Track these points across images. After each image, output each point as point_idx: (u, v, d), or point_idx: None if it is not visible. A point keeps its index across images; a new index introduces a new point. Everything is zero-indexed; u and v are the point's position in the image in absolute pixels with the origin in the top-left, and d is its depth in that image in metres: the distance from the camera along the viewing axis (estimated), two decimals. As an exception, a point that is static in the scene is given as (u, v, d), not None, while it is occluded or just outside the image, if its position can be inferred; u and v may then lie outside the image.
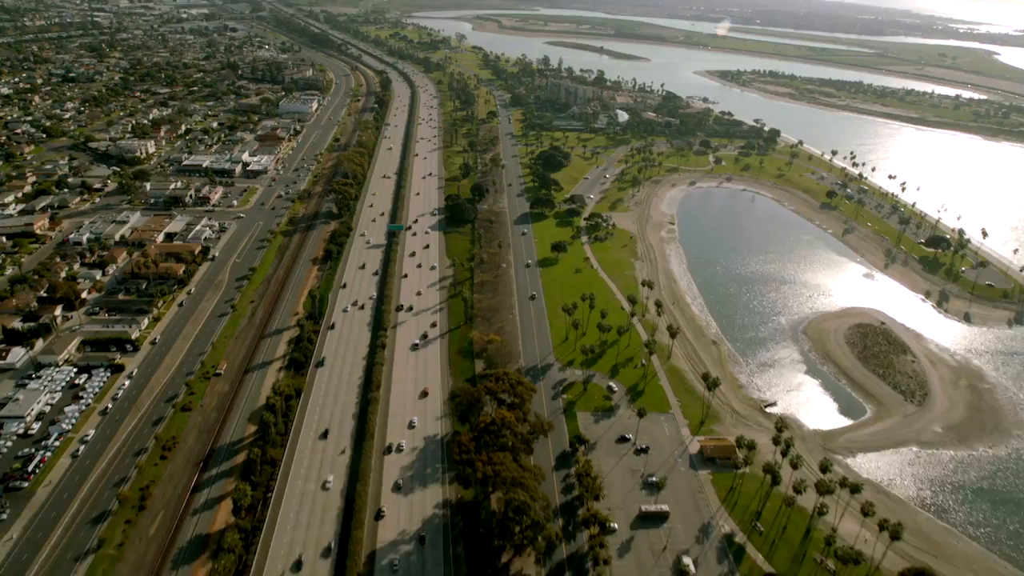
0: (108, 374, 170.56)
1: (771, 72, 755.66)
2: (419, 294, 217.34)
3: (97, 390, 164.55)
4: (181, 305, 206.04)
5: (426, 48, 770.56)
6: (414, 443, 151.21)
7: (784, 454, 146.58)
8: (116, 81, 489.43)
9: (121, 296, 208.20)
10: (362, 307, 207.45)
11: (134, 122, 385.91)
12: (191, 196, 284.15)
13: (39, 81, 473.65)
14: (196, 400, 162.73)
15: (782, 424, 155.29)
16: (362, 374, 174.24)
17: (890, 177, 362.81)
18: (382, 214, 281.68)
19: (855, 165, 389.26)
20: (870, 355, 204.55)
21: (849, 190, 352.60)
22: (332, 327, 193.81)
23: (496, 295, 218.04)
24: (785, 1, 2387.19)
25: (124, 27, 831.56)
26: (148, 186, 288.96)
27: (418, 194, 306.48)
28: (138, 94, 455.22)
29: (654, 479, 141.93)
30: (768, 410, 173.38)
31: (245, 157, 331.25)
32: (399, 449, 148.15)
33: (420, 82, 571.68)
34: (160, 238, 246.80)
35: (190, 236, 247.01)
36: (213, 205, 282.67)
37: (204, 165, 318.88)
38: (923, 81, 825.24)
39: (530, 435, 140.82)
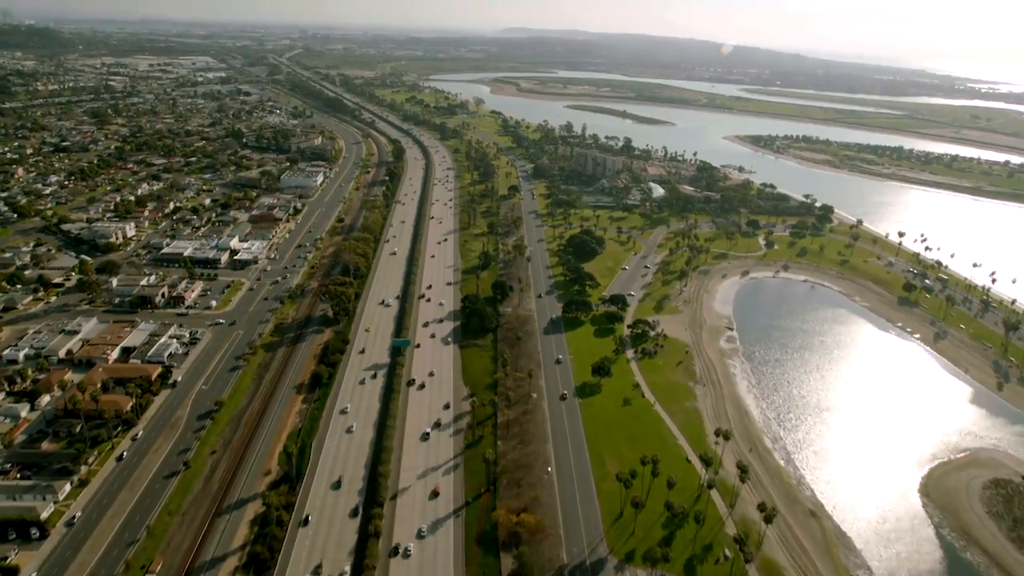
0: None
1: (804, 137, 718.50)
2: (426, 435, 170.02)
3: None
4: (120, 459, 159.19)
5: (442, 113, 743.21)
6: None
7: None
8: (111, 151, 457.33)
9: (45, 445, 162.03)
10: (351, 453, 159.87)
11: (119, 198, 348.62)
12: (163, 295, 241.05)
13: (29, 151, 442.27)
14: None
15: None
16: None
17: (974, 265, 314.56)
18: (387, 305, 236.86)
19: (928, 249, 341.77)
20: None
21: (928, 281, 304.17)
22: (305, 522, 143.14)
23: (526, 443, 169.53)
24: (800, 62, 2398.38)
25: (137, 91, 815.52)
26: (115, 282, 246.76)
27: (430, 287, 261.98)
28: (131, 166, 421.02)
29: None
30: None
31: (234, 243, 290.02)
32: None
33: (436, 151, 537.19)
34: (114, 355, 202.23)
35: (151, 352, 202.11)
36: (188, 307, 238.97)
37: (185, 254, 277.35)
38: (962, 144, 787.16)
39: None
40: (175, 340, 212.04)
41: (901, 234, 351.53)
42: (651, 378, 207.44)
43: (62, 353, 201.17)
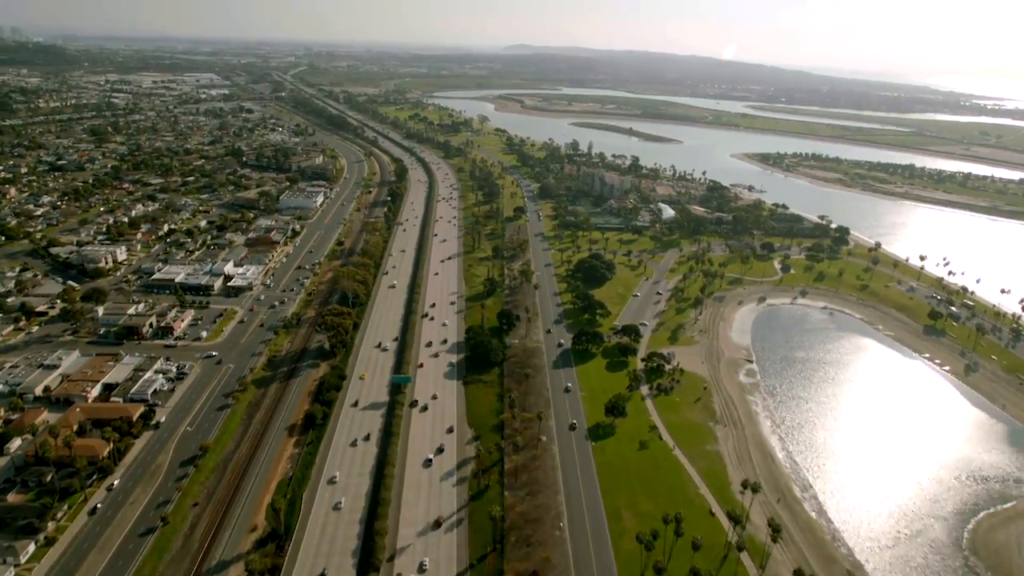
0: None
1: (814, 155, 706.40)
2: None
3: None
4: (93, 512, 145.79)
5: (446, 131, 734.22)
6: None
7: None
8: (108, 170, 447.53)
9: (12, 497, 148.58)
10: (344, 508, 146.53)
11: (112, 220, 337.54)
12: (151, 325, 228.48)
13: (23, 170, 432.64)
14: None
15: None
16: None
17: (1003, 291, 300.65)
18: (385, 349, 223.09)
19: (951, 274, 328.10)
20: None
21: (954, 308, 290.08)
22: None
23: (535, 494, 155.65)
24: (804, 79, 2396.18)
25: (139, 108, 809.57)
26: (101, 311, 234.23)
27: (431, 318, 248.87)
28: (126, 186, 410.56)
29: None
30: None
31: (228, 268, 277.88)
32: None
33: (439, 169, 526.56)
34: (94, 392, 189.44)
35: (134, 389, 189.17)
36: (177, 337, 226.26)
37: (177, 280, 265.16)
38: (973, 162, 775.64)
39: None
40: (161, 375, 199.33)
41: (922, 257, 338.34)
42: (668, 417, 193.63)
43: (39, 390, 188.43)
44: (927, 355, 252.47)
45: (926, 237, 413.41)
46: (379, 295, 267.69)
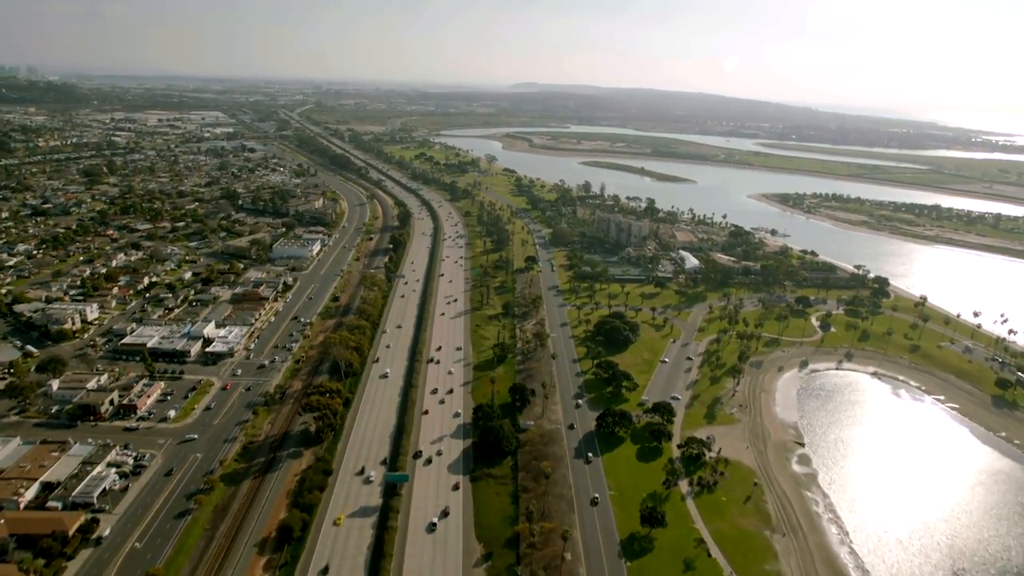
0: None
1: (835, 195, 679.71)
2: None
3: None
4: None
5: (453, 171, 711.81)
6: None
7: None
8: (94, 214, 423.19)
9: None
10: None
11: (88, 272, 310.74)
12: (112, 402, 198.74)
13: (4, 215, 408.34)
14: None
15: None
16: None
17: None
18: (381, 436, 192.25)
19: (1012, 332, 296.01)
20: None
21: (1023, 374, 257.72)
22: None
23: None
24: (811, 115, 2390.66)
25: (140, 147, 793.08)
26: (55, 385, 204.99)
27: (435, 390, 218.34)
28: (111, 232, 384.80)
29: None
30: None
31: (208, 331, 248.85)
32: None
33: (445, 213, 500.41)
34: (29, 494, 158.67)
35: (78, 490, 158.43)
36: (140, 418, 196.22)
37: (149, 344, 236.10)
38: (999, 200, 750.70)
39: None
40: (114, 469, 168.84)
41: (976, 313, 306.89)
42: (716, 526, 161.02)
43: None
44: (1003, 434, 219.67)
45: (970, 286, 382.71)
46: (376, 364, 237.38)
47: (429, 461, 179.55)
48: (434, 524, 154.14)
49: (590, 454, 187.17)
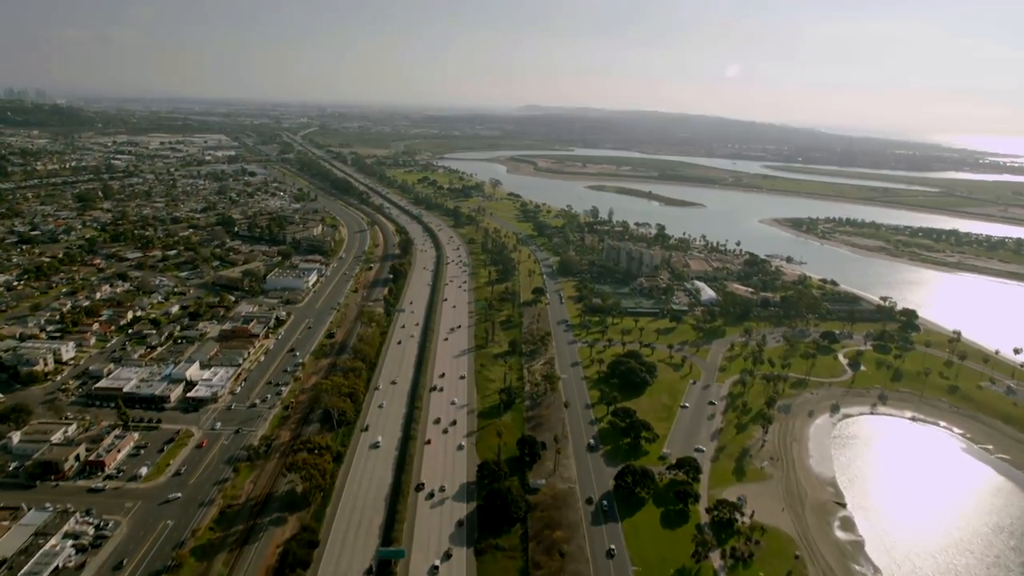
0: None
1: (849, 220, 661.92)
2: None
3: None
4: None
5: (456, 196, 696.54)
6: None
7: None
8: (83, 241, 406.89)
9: None
10: None
11: (69, 305, 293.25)
12: (77, 458, 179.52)
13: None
14: None
15: None
16: None
17: None
18: (374, 500, 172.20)
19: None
20: None
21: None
22: None
23: None
24: (815, 137, 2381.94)
25: (139, 170, 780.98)
26: (16, 438, 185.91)
27: (429, 442, 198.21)
28: (98, 261, 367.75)
29: None
30: None
31: (191, 373, 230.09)
32: None
33: (448, 240, 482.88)
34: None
35: (26, 569, 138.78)
36: (108, 476, 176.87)
37: (126, 389, 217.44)
38: (1016, 224, 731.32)
39: None
40: (71, 542, 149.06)
41: (1017, 351, 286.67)
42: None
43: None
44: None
45: (1004, 318, 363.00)
46: (371, 410, 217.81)
47: (433, 523, 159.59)
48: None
49: (609, 521, 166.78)
